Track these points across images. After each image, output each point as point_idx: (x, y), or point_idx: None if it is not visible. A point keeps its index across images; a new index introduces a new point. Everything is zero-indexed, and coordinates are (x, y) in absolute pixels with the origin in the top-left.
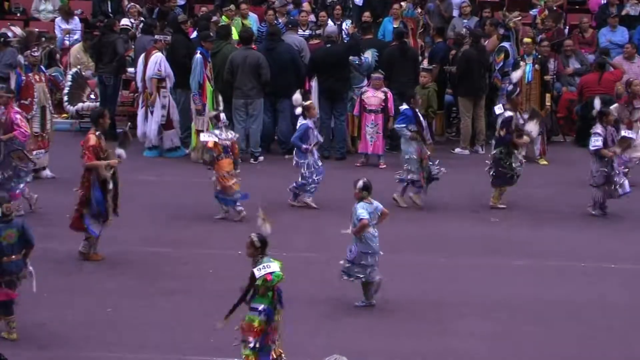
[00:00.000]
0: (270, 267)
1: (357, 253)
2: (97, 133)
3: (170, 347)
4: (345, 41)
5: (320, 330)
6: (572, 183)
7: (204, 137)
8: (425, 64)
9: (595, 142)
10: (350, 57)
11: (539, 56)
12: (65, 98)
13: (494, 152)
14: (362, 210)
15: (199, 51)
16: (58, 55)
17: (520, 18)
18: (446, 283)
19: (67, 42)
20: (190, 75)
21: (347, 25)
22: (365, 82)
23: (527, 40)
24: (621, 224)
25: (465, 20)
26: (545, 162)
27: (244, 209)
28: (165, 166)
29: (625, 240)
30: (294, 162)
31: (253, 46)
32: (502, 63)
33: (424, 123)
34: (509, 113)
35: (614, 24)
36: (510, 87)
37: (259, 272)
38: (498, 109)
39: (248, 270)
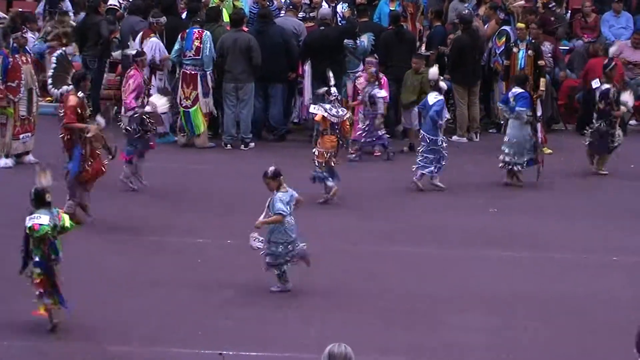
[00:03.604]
0: (40, 218)
1: (272, 242)
2: (79, 94)
3: (156, 339)
4: (341, 24)
5: (314, 322)
6: (576, 172)
7: (313, 109)
8: (423, 48)
9: None
10: (346, 41)
11: (533, 41)
12: (50, 81)
13: (596, 125)
14: (281, 205)
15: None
16: None
17: (522, 2)
18: (443, 275)
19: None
20: (202, 53)
21: (342, 8)
22: (361, 67)
23: (520, 25)
24: (626, 216)
25: (466, 4)
26: (549, 151)
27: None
28: (154, 152)
29: (629, 232)
30: (422, 136)
31: (244, 28)
32: (503, 47)
33: (540, 105)
34: (606, 86)
35: (618, 9)
36: (606, 62)
37: (28, 220)
38: (595, 82)
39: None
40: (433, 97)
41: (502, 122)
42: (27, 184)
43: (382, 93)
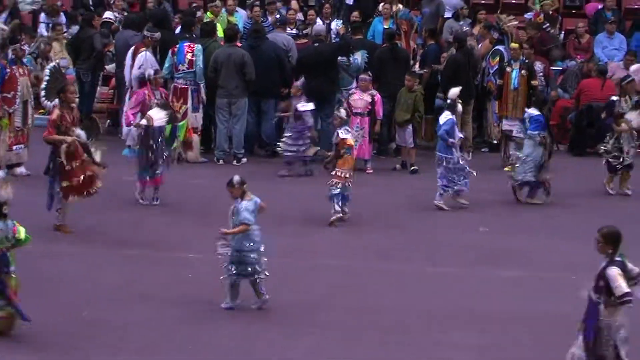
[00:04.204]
0: None
1: (238, 252)
2: (60, 107)
3: (145, 353)
4: (335, 41)
5: (304, 338)
6: (567, 193)
7: (342, 134)
8: (417, 66)
9: None
10: (339, 58)
11: (526, 61)
12: (43, 93)
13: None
14: (246, 214)
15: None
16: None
17: (516, 23)
18: (436, 293)
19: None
20: (195, 65)
21: (337, 25)
22: (355, 84)
23: (514, 45)
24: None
25: (461, 22)
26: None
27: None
28: None
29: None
30: (437, 157)
31: (238, 43)
32: (497, 66)
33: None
34: (615, 97)
35: (611, 31)
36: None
37: None
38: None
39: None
40: (444, 117)
41: (495, 142)
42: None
43: (308, 106)
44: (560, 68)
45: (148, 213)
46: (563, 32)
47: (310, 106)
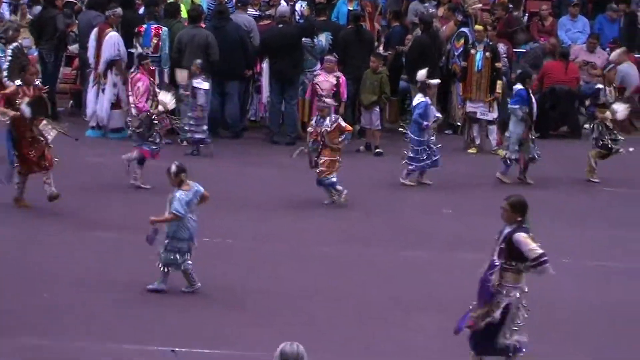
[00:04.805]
0: None
1: (172, 240)
2: (19, 84)
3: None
4: (299, 23)
5: (268, 321)
6: (532, 175)
7: (341, 121)
8: (381, 48)
9: None
10: (303, 40)
11: (490, 43)
12: (5, 73)
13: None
14: (177, 205)
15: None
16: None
17: (480, 5)
18: (403, 278)
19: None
20: (161, 50)
21: (301, 7)
22: (319, 65)
23: (478, 27)
24: (583, 220)
25: (426, 4)
26: (504, 152)
27: None
28: (104, 147)
29: (582, 235)
30: (409, 139)
31: (202, 24)
32: (461, 49)
33: (535, 105)
34: (599, 85)
35: (574, 13)
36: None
37: None
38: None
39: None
40: (417, 100)
41: (458, 124)
42: None
43: (204, 85)
44: (524, 50)
45: (111, 195)
46: (527, 14)
47: (206, 85)
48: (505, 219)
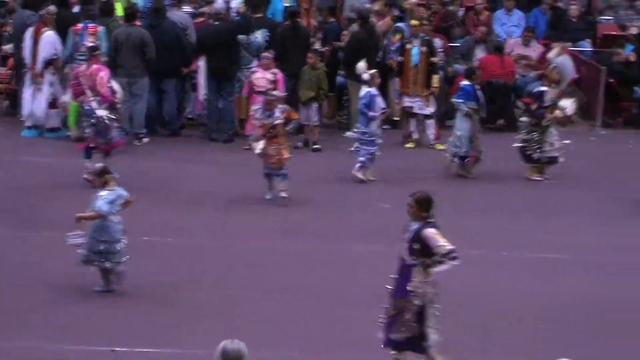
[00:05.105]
0: None
1: (92, 240)
2: None
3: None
4: (235, 20)
5: (207, 319)
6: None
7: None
8: (317, 45)
9: None
10: (240, 36)
11: (426, 38)
12: None
13: (524, 130)
14: (101, 203)
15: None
16: None
17: (416, 0)
18: (343, 271)
19: None
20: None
21: (237, 3)
22: (256, 62)
23: (414, 22)
24: (518, 212)
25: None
26: (442, 147)
27: None
28: (42, 147)
29: (520, 228)
30: (356, 130)
31: (137, 22)
32: (399, 43)
33: (482, 100)
34: (542, 88)
35: (509, 7)
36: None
37: None
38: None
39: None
40: (362, 91)
41: (396, 119)
42: None
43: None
44: (459, 45)
45: (49, 194)
46: (463, 9)
47: (116, 85)
48: (411, 215)
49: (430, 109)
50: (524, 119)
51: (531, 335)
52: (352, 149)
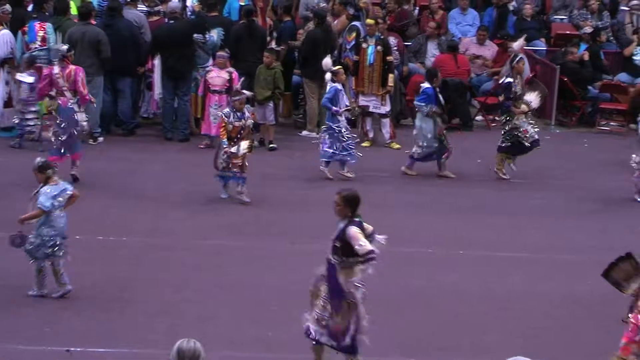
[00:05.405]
0: None
1: (37, 236)
2: None
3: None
4: (190, 18)
5: (162, 318)
6: (427, 166)
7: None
8: (273, 44)
9: None
10: (195, 35)
11: (382, 37)
12: None
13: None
14: (43, 199)
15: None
16: None
17: None
18: (291, 269)
19: None
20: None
21: (192, 2)
22: (211, 61)
23: (369, 21)
24: (475, 211)
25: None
26: (397, 146)
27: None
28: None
29: (476, 226)
30: (324, 127)
31: (92, 21)
32: (354, 42)
33: (443, 101)
34: (509, 79)
35: (464, 7)
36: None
37: None
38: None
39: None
40: (328, 87)
41: (352, 118)
42: None
43: (27, 79)
44: (411, 43)
45: (7, 194)
46: (417, 8)
47: (30, 79)
48: (337, 213)
49: (385, 108)
50: (479, 117)
51: (480, 333)
52: (321, 150)
